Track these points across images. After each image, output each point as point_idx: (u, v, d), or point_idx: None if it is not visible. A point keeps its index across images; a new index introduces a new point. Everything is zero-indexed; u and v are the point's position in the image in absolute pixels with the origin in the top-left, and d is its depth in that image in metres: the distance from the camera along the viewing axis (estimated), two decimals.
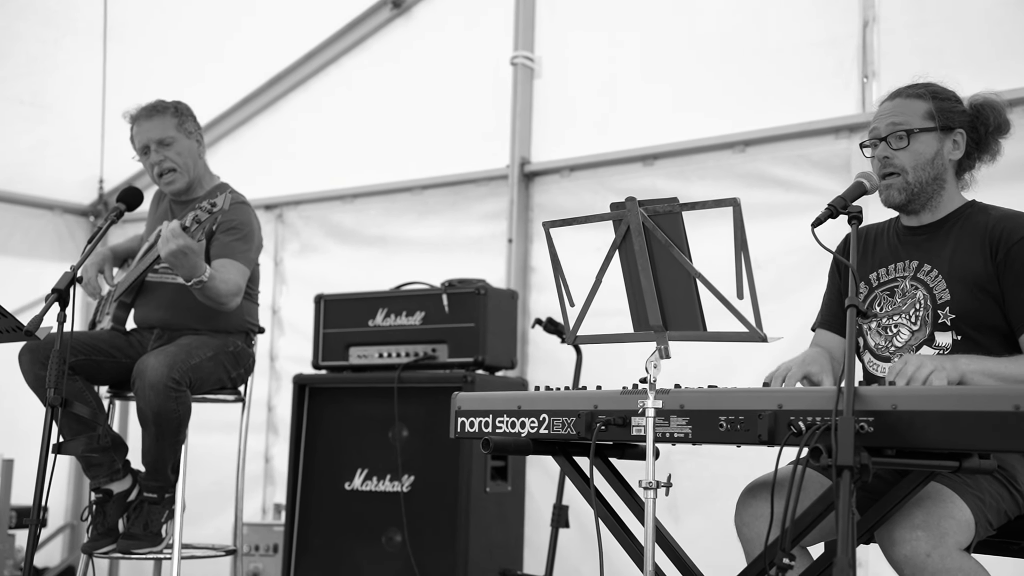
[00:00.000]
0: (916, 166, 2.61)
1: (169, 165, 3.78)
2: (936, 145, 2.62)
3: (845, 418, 1.86)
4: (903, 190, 2.63)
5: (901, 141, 2.61)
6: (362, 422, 4.28)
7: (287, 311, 6.06)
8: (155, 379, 3.41)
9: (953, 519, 2.21)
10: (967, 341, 2.53)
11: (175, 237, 3.31)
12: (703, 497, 4.36)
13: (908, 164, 2.61)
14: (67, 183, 6.58)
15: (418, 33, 5.85)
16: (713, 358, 4.15)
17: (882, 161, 2.63)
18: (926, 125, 2.61)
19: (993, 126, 2.65)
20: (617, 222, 2.29)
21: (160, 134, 3.77)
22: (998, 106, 2.66)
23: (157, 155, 3.78)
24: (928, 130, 2.61)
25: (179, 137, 3.79)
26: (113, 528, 3.57)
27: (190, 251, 3.35)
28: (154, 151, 3.78)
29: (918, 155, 2.61)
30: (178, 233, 3.31)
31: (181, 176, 3.81)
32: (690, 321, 2.24)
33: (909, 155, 2.61)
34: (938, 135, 2.62)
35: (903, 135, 2.60)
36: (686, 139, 4.82)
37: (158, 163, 3.79)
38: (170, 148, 3.78)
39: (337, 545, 4.24)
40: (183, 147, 3.80)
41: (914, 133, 2.60)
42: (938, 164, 2.63)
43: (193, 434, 3.71)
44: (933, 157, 2.62)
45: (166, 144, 3.77)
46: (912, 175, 2.61)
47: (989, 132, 2.65)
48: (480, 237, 5.46)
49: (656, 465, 2.21)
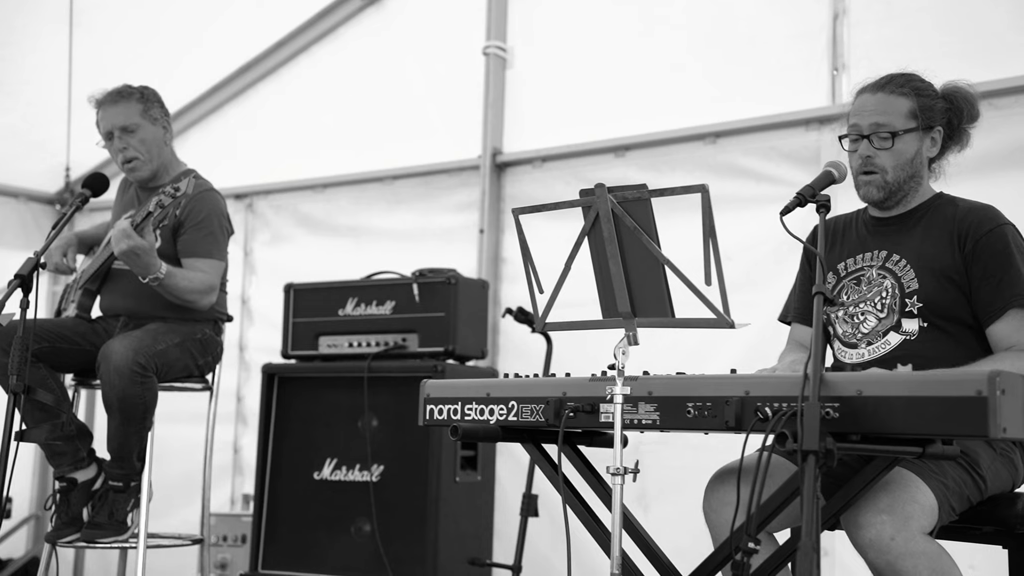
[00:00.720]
0: (896, 166, 2.62)
1: (132, 153, 3.72)
2: (917, 144, 2.63)
3: (811, 404, 1.87)
4: (882, 188, 2.64)
5: (885, 142, 2.60)
6: (332, 412, 4.26)
7: (257, 301, 6.02)
8: (120, 363, 3.37)
9: (917, 504, 2.23)
10: (933, 329, 2.55)
11: (125, 238, 3.31)
12: (673, 487, 4.38)
13: (888, 164, 2.61)
14: (33, 171, 6.49)
15: (390, 22, 5.82)
16: (686, 346, 4.16)
17: (863, 160, 2.63)
18: (909, 126, 2.61)
19: (966, 116, 2.67)
20: (586, 209, 2.29)
21: (124, 120, 3.71)
22: (971, 97, 2.67)
23: (120, 142, 3.72)
24: (911, 131, 2.61)
25: (143, 124, 3.73)
26: (77, 517, 3.53)
27: (141, 251, 3.34)
28: (117, 138, 3.73)
29: (900, 155, 2.61)
30: (128, 233, 3.30)
31: (144, 164, 3.75)
32: (658, 307, 2.24)
33: (891, 156, 2.61)
34: (919, 135, 2.63)
35: (887, 136, 2.60)
36: (658, 130, 4.83)
37: (121, 150, 3.73)
38: (133, 135, 3.72)
39: (306, 535, 4.22)
40: (147, 134, 3.74)
41: (899, 135, 2.60)
42: (916, 163, 2.64)
43: (161, 425, 3.67)
44: (913, 157, 2.63)
45: (130, 131, 3.72)
46: (892, 175, 2.62)
47: (962, 123, 2.67)
48: (451, 227, 5.45)
49: (625, 453, 2.22)
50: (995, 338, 2.51)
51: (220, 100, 6.34)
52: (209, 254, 3.69)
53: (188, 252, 3.66)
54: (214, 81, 6.28)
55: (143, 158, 3.74)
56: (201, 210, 3.67)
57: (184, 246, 3.66)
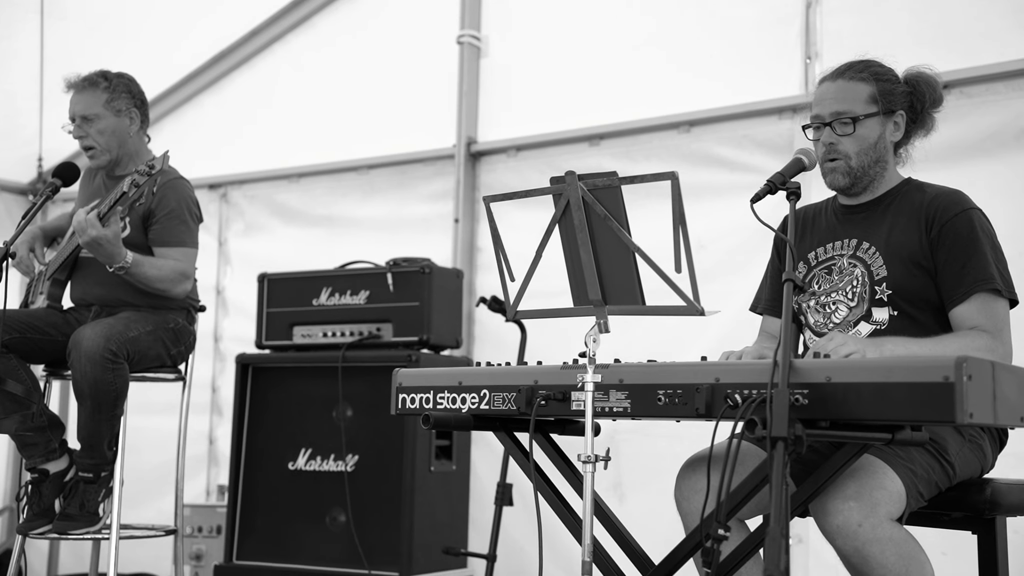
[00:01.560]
0: (860, 151, 2.63)
1: (89, 143, 3.73)
2: (879, 129, 2.64)
3: (780, 390, 1.88)
4: (847, 174, 2.64)
5: (846, 127, 2.62)
6: (306, 402, 4.25)
7: (231, 291, 5.99)
8: (91, 349, 3.35)
9: (885, 490, 2.24)
10: (903, 317, 2.56)
11: (89, 227, 3.32)
12: (648, 476, 4.39)
13: (852, 150, 2.62)
14: (5, 161, 6.41)
15: (365, 11, 5.79)
16: (660, 336, 4.17)
17: (827, 147, 2.64)
18: (870, 110, 2.62)
19: (929, 101, 2.68)
20: (557, 196, 2.29)
21: (84, 109, 3.71)
22: (933, 81, 2.68)
23: (79, 130, 3.73)
24: (872, 115, 2.62)
25: (104, 114, 3.71)
26: (49, 508, 3.51)
27: (104, 240, 3.34)
28: (77, 125, 3.73)
29: (862, 140, 2.62)
30: (92, 223, 3.32)
31: (101, 153, 3.75)
32: (629, 295, 2.24)
33: (853, 141, 2.62)
34: (881, 119, 2.64)
35: (848, 122, 2.61)
36: (631, 119, 4.83)
37: (80, 138, 3.74)
38: (92, 124, 3.71)
39: (281, 525, 4.21)
40: (106, 125, 3.72)
41: (859, 120, 2.61)
42: (880, 147, 2.65)
43: (136, 416, 3.65)
44: (876, 141, 2.64)
45: (89, 120, 3.71)
46: (856, 160, 2.63)
47: (925, 107, 2.68)
48: (426, 217, 5.44)
49: (600, 442, 2.22)
50: (957, 320, 2.52)
51: (194, 89, 6.29)
52: (182, 242, 3.68)
53: (160, 241, 3.65)
54: (188, 70, 6.23)
55: (99, 147, 3.73)
56: (171, 199, 3.65)
57: (156, 235, 3.65)
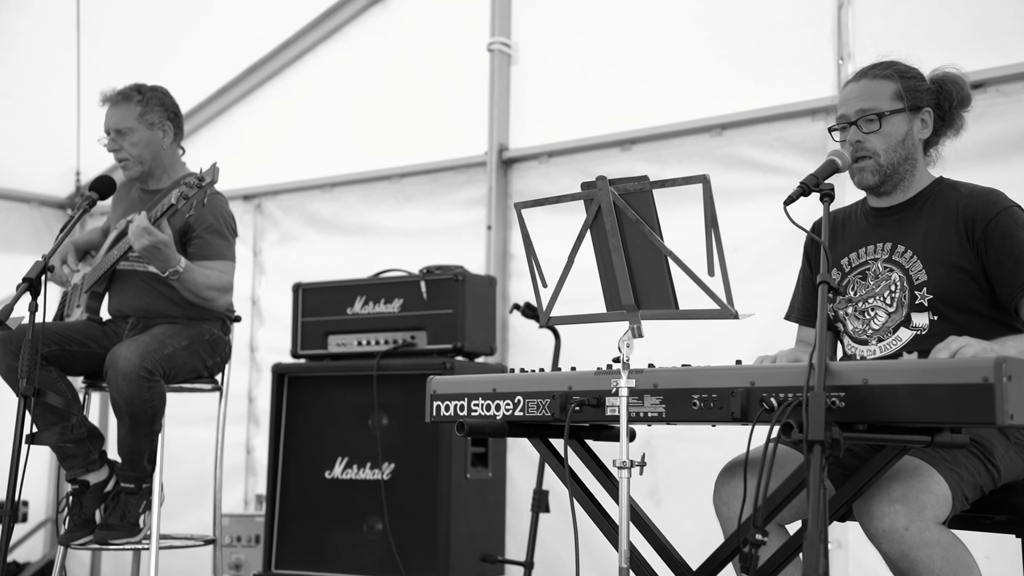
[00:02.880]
0: (888, 148, 2.60)
1: (123, 155, 3.78)
2: (906, 126, 2.62)
3: (816, 393, 1.86)
4: (876, 172, 2.62)
5: (872, 124, 2.60)
6: (342, 410, 4.26)
7: (267, 301, 6.03)
8: (127, 368, 3.38)
9: (931, 493, 2.21)
10: (944, 321, 2.52)
11: (146, 234, 3.36)
12: (684, 481, 4.37)
13: (880, 147, 2.60)
14: (44, 175, 6.52)
15: (396, 20, 5.82)
16: (694, 339, 4.15)
17: (854, 145, 2.62)
18: (895, 107, 2.60)
19: (956, 100, 2.65)
20: (588, 202, 2.28)
21: (118, 123, 3.76)
22: (959, 80, 2.66)
23: (113, 143, 3.79)
24: (898, 111, 2.60)
25: (138, 128, 3.76)
26: (90, 519, 3.55)
27: (162, 245, 3.38)
28: (111, 139, 3.79)
29: (889, 137, 2.60)
30: (149, 229, 3.36)
31: (134, 165, 3.80)
32: (662, 300, 2.23)
33: (880, 138, 2.60)
34: (907, 115, 2.62)
35: (874, 118, 2.59)
36: (663, 123, 4.81)
37: (114, 151, 3.80)
38: (126, 138, 3.77)
39: (318, 534, 4.22)
40: (140, 138, 3.77)
41: (885, 116, 2.59)
42: (908, 144, 2.62)
43: (175, 427, 3.68)
44: (904, 138, 2.61)
45: (122, 133, 3.77)
46: (884, 157, 2.61)
47: (953, 107, 2.65)
48: (459, 224, 5.44)
49: (633, 447, 2.21)
50: None
51: (228, 101, 6.36)
52: (222, 255, 3.73)
53: (201, 255, 3.69)
54: (222, 83, 6.29)
55: (132, 159, 3.79)
56: (208, 213, 3.69)
57: (197, 249, 3.70)
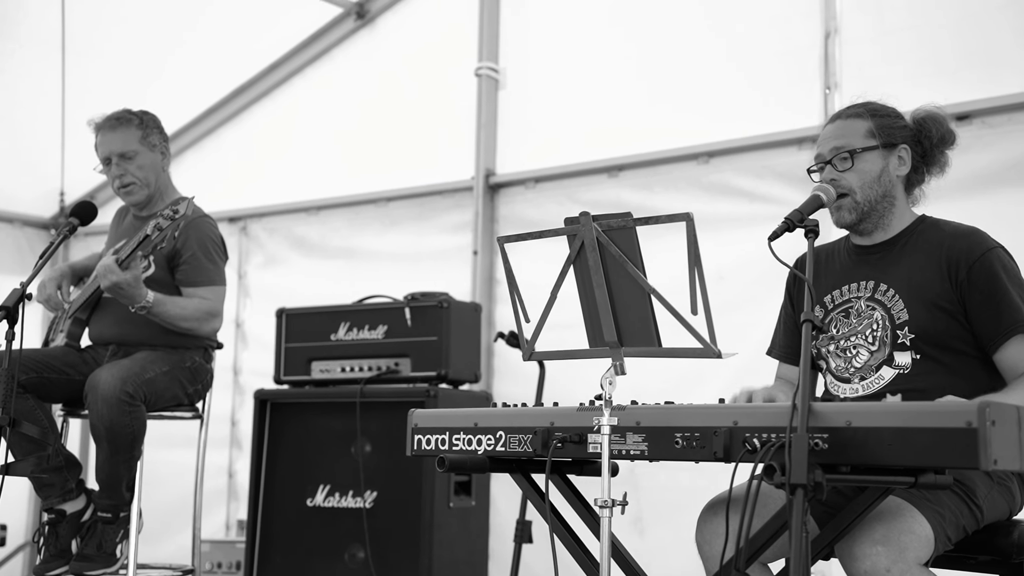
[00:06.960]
0: (863, 185, 2.60)
1: (129, 179, 3.74)
2: (881, 162, 2.61)
3: (799, 435, 1.84)
4: (853, 210, 2.61)
5: (845, 162, 2.60)
6: (324, 437, 4.23)
7: (251, 324, 6.00)
8: (108, 392, 3.35)
9: (913, 534, 2.19)
10: (926, 360, 2.51)
11: (109, 273, 3.35)
12: (669, 510, 4.34)
13: (855, 184, 2.60)
14: (27, 196, 6.49)
15: (382, 44, 5.82)
16: (674, 374, 4.13)
17: (830, 184, 2.62)
18: (868, 144, 2.60)
19: (937, 138, 2.64)
20: (572, 237, 2.27)
21: (122, 147, 3.72)
22: (939, 118, 2.65)
23: (118, 168, 3.74)
24: (870, 148, 2.60)
25: (142, 150, 3.74)
26: (66, 549, 3.50)
27: (125, 284, 3.37)
28: (115, 164, 3.74)
29: (864, 174, 2.60)
30: (112, 269, 3.34)
31: (140, 189, 3.77)
32: (645, 337, 2.21)
33: (855, 175, 2.60)
34: (881, 152, 2.61)
35: (846, 156, 2.60)
36: (650, 150, 4.81)
37: (119, 176, 3.75)
38: (131, 162, 3.73)
39: (299, 562, 4.18)
40: (145, 161, 3.75)
41: (857, 153, 2.59)
42: (885, 181, 2.62)
43: (156, 450, 3.64)
44: (879, 175, 2.61)
45: (128, 158, 3.73)
46: (860, 194, 2.60)
47: (934, 145, 2.65)
48: (445, 249, 5.43)
49: (618, 479, 2.19)
50: (1005, 366, 2.47)
51: (214, 123, 6.35)
52: (210, 281, 3.70)
53: (188, 282, 3.67)
54: (207, 105, 6.28)
55: (139, 182, 3.76)
56: (194, 239, 3.66)
57: (183, 276, 3.67)
